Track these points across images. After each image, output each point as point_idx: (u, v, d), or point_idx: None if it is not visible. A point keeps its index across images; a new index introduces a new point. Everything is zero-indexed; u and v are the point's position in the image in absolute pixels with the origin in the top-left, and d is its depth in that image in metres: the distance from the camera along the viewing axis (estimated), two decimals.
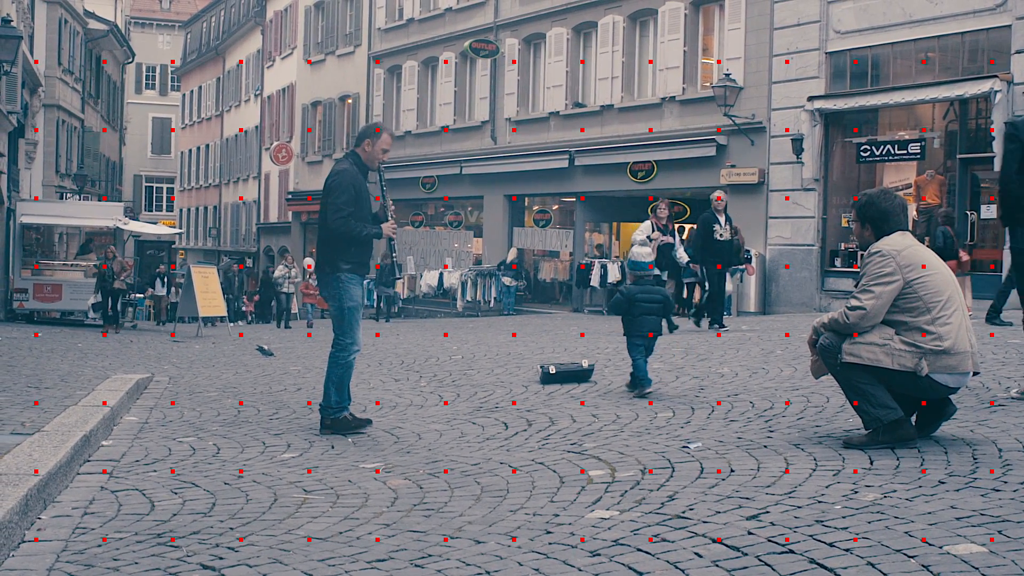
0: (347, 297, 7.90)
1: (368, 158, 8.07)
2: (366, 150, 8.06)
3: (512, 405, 8.78)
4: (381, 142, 8.08)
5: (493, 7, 33.65)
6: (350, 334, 7.93)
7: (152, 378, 11.71)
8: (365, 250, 8.09)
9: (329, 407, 7.92)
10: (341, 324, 7.94)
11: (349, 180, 7.89)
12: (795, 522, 4.56)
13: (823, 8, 23.57)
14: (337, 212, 7.79)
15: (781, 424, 7.09)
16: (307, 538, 4.84)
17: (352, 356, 7.97)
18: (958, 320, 6.01)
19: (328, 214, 7.84)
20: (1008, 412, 6.94)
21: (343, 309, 7.91)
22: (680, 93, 27.29)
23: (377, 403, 9.41)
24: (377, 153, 8.07)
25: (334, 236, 7.87)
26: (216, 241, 62.32)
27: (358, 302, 7.99)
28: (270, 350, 15.62)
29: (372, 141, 8.05)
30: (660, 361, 11.46)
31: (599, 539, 4.52)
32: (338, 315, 7.95)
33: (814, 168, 23.52)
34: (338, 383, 7.93)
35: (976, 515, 4.50)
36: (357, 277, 7.98)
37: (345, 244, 7.89)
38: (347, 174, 7.92)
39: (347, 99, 42.46)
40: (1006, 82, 19.89)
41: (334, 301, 7.95)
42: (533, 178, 31.57)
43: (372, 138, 8.06)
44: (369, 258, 8.20)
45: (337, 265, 7.89)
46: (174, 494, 5.87)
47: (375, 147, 8.06)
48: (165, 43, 75.58)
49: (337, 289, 7.90)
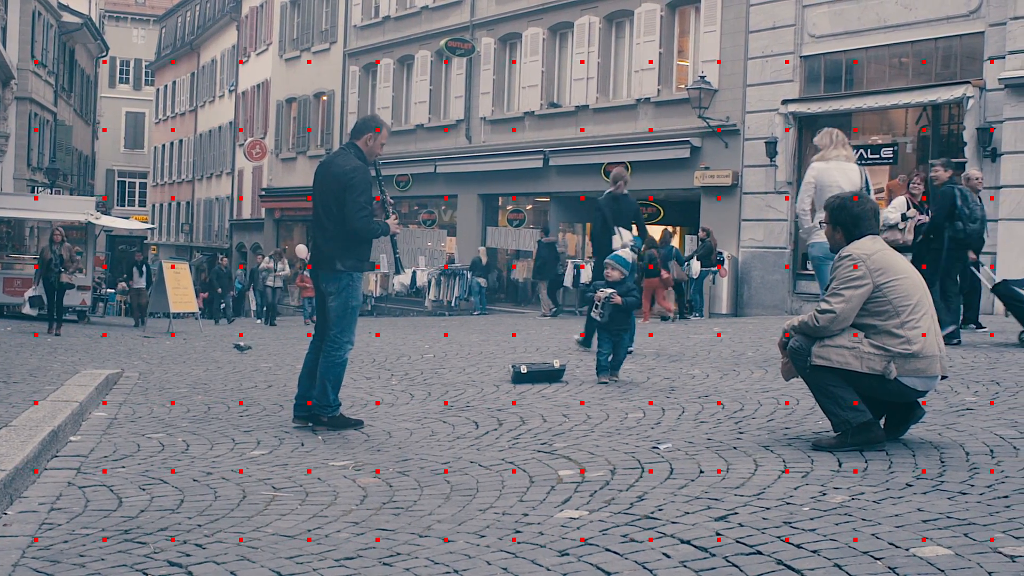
0: (352, 296, 7.87)
1: (368, 152, 8.00)
2: (368, 144, 7.99)
3: (480, 404, 8.78)
4: (381, 136, 8.04)
5: (469, 6, 33.65)
6: (348, 332, 7.90)
7: (122, 374, 11.64)
8: (370, 247, 8.06)
9: (327, 405, 7.88)
10: (342, 322, 7.88)
11: (366, 177, 7.82)
12: (763, 523, 4.57)
13: (798, 12, 23.68)
14: (361, 210, 7.69)
15: (751, 426, 7.11)
16: (275, 535, 4.82)
17: (346, 353, 7.93)
18: (927, 324, 6.04)
19: (349, 212, 7.70)
20: (976, 416, 6.98)
21: (348, 307, 7.87)
22: (655, 95, 27.35)
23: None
24: (376, 148, 8.02)
25: (349, 234, 7.78)
26: (189, 237, 62.08)
27: (360, 300, 7.97)
28: (246, 345, 15.55)
29: (373, 136, 7.99)
30: (631, 362, 11.47)
31: (568, 539, 4.52)
32: (341, 313, 7.88)
33: (787, 171, 23.63)
34: (335, 382, 7.89)
35: (943, 518, 4.53)
36: (361, 275, 7.98)
37: (356, 242, 7.84)
38: (364, 171, 7.84)
39: (322, 96, 42.37)
40: (978, 88, 20.02)
41: (338, 298, 7.87)
42: (507, 178, 31.59)
43: (373, 133, 8.00)
44: (370, 255, 8.16)
45: (345, 262, 7.83)
46: (142, 490, 5.84)
47: (376, 141, 8.00)
48: (140, 37, 75.27)
49: (345, 287, 7.85)
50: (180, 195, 64.44)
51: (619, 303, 9.42)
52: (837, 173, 9.76)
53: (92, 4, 55.85)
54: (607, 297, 9.44)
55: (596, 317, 9.56)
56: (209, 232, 58.37)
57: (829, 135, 10.13)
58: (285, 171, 45.20)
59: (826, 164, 9.88)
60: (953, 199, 12.08)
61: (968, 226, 11.98)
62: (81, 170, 54.60)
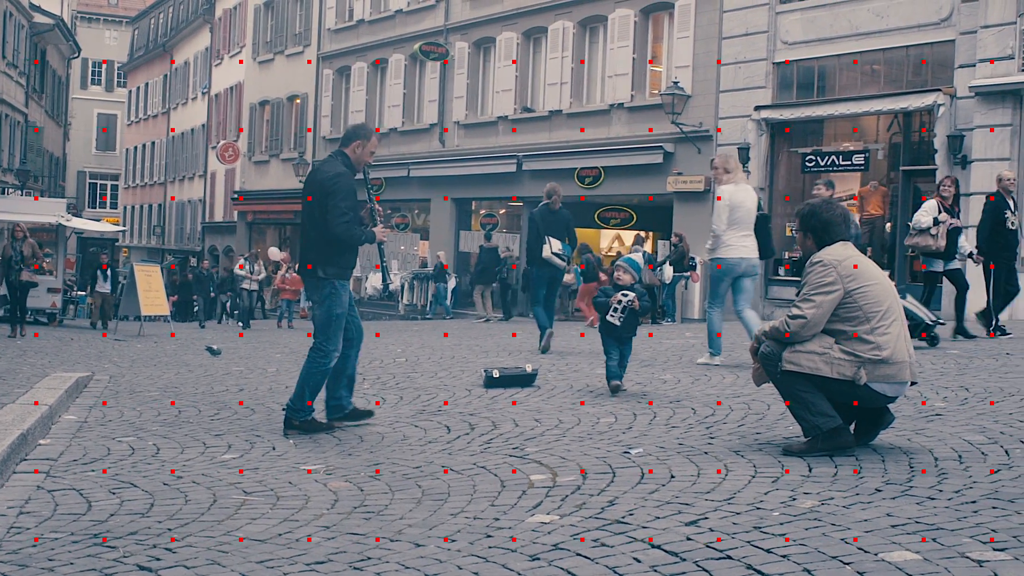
0: (336, 303, 7.82)
1: (356, 160, 7.98)
2: (356, 152, 7.96)
3: (444, 405, 8.77)
4: (370, 144, 8.02)
5: (444, 10, 33.65)
6: (334, 340, 7.86)
7: (92, 377, 11.58)
8: (354, 255, 8.03)
9: (302, 409, 7.86)
10: (327, 330, 7.84)
11: (350, 184, 7.81)
12: (733, 528, 4.59)
13: (771, 19, 23.79)
14: (342, 216, 7.67)
15: (722, 431, 7.13)
16: (245, 540, 4.81)
17: (331, 362, 7.89)
18: (897, 330, 6.08)
19: (330, 218, 7.68)
20: (945, 421, 7.03)
21: (331, 315, 7.82)
22: (629, 100, 27.42)
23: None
24: (365, 156, 7.99)
25: (330, 240, 7.75)
26: (160, 239, 61.81)
27: (345, 308, 7.92)
28: (218, 349, 15.50)
29: (363, 144, 7.97)
30: (603, 367, 11.49)
31: (539, 543, 4.53)
32: (325, 320, 7.84)
33: (760, 177, 23.72)
34: (314, 388, 7.86)
35: (911, 523, 4.55)
36: (345, 282, 7.94)
37: (339, 249, 7.81)
38: (347, 177, 7.84)
39: (295, 99, 42.29)
40: (949, 96, 20.16)
41: (322, 306, 7.87)
42: (480, 182, 31.61)
43: (363, 140, 7.98)
44: (354, 263, 8.14)
45: (328, 270, 7.80)
46: (112, 494, 5.81)
47: (365, 149, 7.97)
48: (112, 39, 74.90)
49: (328, 295, 7.82)
50: (152, 198, 64.14)
51: (636, 307, 9.11)
52: (743, 194, 10.99)
53: (64, 5, 55.57)
54: (628, 301, 9.09)
55: (615, 322, 9.10)
56: (181, 235, 58.12)
57: (733, 160, 11.34)
58: (258, 174, 45.07)
59: (735, 187, 11.00)
60: None
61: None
62: (52, 172, 54.33)
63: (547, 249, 13.54)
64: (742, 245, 10.97)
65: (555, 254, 13.54)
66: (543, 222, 13.70)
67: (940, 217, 13.18)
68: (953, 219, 13.30)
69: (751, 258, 11.08)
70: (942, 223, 13.15)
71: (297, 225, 42.25)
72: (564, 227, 13.84)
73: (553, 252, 13.54)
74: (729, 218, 10.89)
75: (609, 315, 9.15)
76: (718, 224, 11.00)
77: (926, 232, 13.22)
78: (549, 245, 13.55)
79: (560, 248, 13.59)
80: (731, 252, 10.92)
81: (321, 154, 39.79)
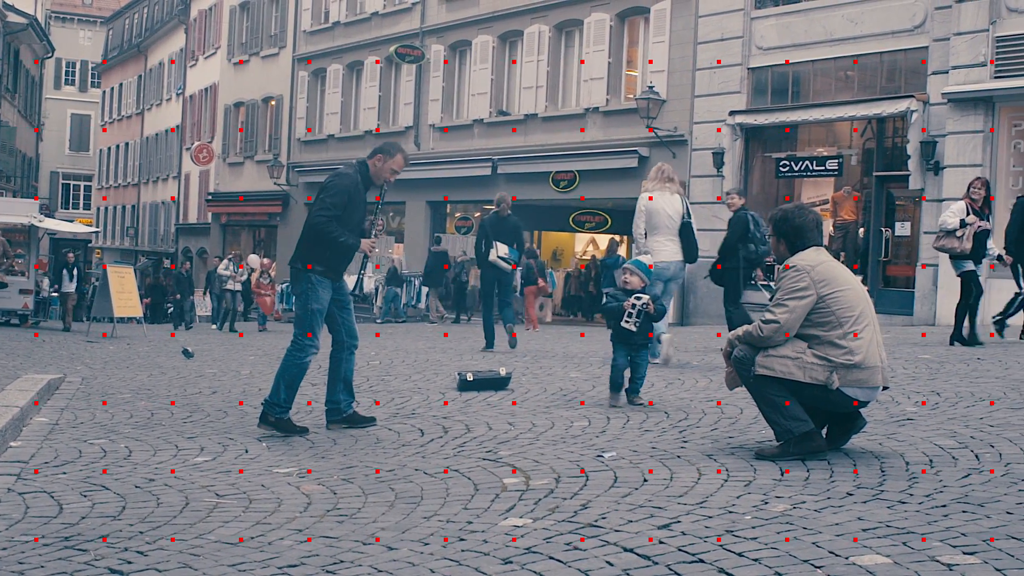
0: (314, 298, 7.86)
1: (375, 172, 8.06)
2: (376, 165, 8.05)
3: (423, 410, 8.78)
4: (393, 162, 8.08)
5: (420, 13, 33.63)
6: (310, 335, 7.89)
7: (64, 379, 11.53)
8: (341, 257, 8.03)
9: (277, 404, 7.87)
10: (303, 324, 7.91)
11: (346, 184, 7.88)
12: (706, 532, 4.61)
13: (746, 24, 23.87)
14: (324, 209, 7.77)
15: (695, 435, 7.15)
16: (217, 543, 4.79)
17: (308, 357, 7.94)
18: (869, 335, 6.12)
19: (313, 209, 7.83)
20: (916, 426, 7.07)
21: (308, 310, 7.87)
22: (604, 104, 27.46)
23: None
24: (385, 171, 8.06)
25: (313, 234, 7.84)
26: (134, 241, 61.54)
27: (324, 305, 7.93)
28: (192, 352, 15.45)
29: (384, 158, 8.05)
30: (577, 370, 11.52)
31: (511, 547, 4.53)
32: (302, 314, 7.93)
33: (734, 182, 23.78)
34: (289, 382, 7.90)
35: (882, 526, 4.58)
36: (327, 280, 7.94)
37: (322, 246, 7.86)
38: (346, 178, 7.92)
39: (270, 101, 42.17)
40: (922, 102, 20.27)
41: (300, 300, 7.93)
42: (456, 185, 31.59)
43: (385, 155, 8.06)
44: (343, 266, 8.13)
45: (308, 264, 7.85)
46: (83, 497, 5.79)
47: (385, 164, 8.05)
48: (86, 39, 74.54)
49: (305, 288, 7.86)
50: (126, 199, 63.83)
51: (652, 311, 8.57)
52: (662, 202, 11.67)
53: (38, 4, 55.30)
54: (643, 304, 8.53)
55: (631, 328, 8.56)
56: (155, 236, 57.88)
57: (657, 171, 11.99)
58: (232, 176, 44.92)
59: (657, 195, 11.71)
60: (747, 223, 13.07)
61: (759, 248, 12.92)
62: (25, 172, 54.00)
63: (494, 253, 14.41)
64: (664, 249, 11.66)
65: (501, 257, 14.42)
66: (492, 228, 14.62)
67: (968, 219, 12.87)
68: (981, 221, 12.98)
69: (676, 261, 11.77)
70: (969, 225, 12.84)
71: (271, 227, 42.20)
72: (513, 233, 14.69)
73: (500, 256, 14.41)
74: (649, 224, 11.68)
75: (624, 320, 8.60)
76: (634, 229, 11.91)
77: (952, 234, 12.91)
78: (496, 249, 14.41)
79: (507, 252, 14.44)
80: (655, 256, 11.49)
81: (296, 156, 39.72)
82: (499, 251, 14.44)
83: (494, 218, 14.81)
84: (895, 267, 21.78)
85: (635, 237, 12.01)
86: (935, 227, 19.75)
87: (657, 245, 11.66)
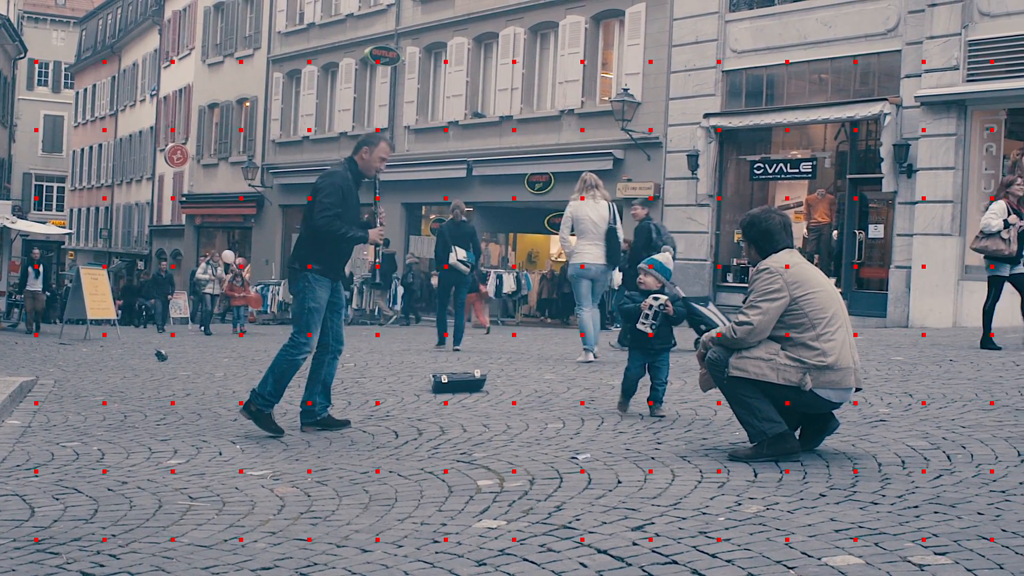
0: (311, 297, 7.90)
1: (364, 166, 8.12)
2: (363, 158, 8.11)
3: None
4: (378, 151, 8.13)
5: (395, 15, 33.59)
6: (308, 334, 7.92)
7: (36, 381, 11.46)
8: (339, 254, 8.10)
9: (262, 396, 7.91)
10: (299, 322, 7.96)
11: (337, 182, 7.95)
12: (679, 533, 4.62)
13: (720, 27, 23.95)
14: (324, 211, 7.82)
15: (669, 436, 7.17)
16: (190, 545, 4.78)
17: (302, 356, 7.96)
18: (842, 337, 6.15)
19: (314, 213, 7.86)
20: (889, 427, 7.10)
21: (304, 308, 7.92)
22: (579, 106, 27.49)
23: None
24: (374, 161, 8.11)
25: (313, 235, 7.90)
26: (107, 242, 61.24)
27: (320, 304, 7.95)
28: (165, 354, 15.37)
29: (370, 150, 8.10)
30: (552, 372, 11.53)
31: (485, 548, 4.53)
32: (298, 313, 7.99)
33: (709, 184, 23.87)
34: (279, 377, 7.92)
35: (855, 527, 4.60)
36: (325, 279, 7.97)
37: (319, 245, 7.91)
38: (336, 176, 8.00)
39: (245, 102, 42.03)
40: (895, 105, 20.38)
41: (297, 299, 8.00)
42: (431, 187, 31.56)
43: (370, 147, 8.12)
44: (341, 263, 8.20)
45: (307, 264, 7.91)
46: (55, 500, 5.76)
47: (372, 155, 8.10)
48: (60, 39, 74.16)
49: (303, 288, 7.92)
50: (99, 200, 63.51)
51: (671, 312, 7.93)
52: (588, 208, 12.59)
53: (10, 4, 54.89)
54: (661, 305, 7.92)
55: (646, 329, 7.99)
56: (128, 238, 57.61)
57: (582, 180, 12.94)
58: (207, 177, 44.76)
59: (580, 202, 12.67)
60: (650, 232, 14.36)
61: None
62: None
63: (453, 256, 15.40)
64: (587, 252, 12.52)
65: (460, 261, 15.43)
66: (450, 234, 15.60)
67: (1010, 219, 12.38)
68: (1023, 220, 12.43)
69: (599, 264, 12.56)
70: (1013, 226, 12.34)
71: (246, 229, 42.06)
72: (469, 238, 15.77)
73: (458, 260, 15.43)
74: (576, 229, 12.64)
75: (640, 323, 8.02)
76: (561, 233, 13.06)
77: (996, 236, 12.38)
78: (455, 253, 15.40)
79: (464, 256, 15.47)
80: (579, 258, 12.53)
81: (270, 158, 39.60)
82: (457, 255, 15.37)
83: (451, 224, 15.72)
84: (868, 269, 21.90)
85: (560, 240, 13.14)
86: (908, 229, 19.99)
87: (581, 248, 12.54)
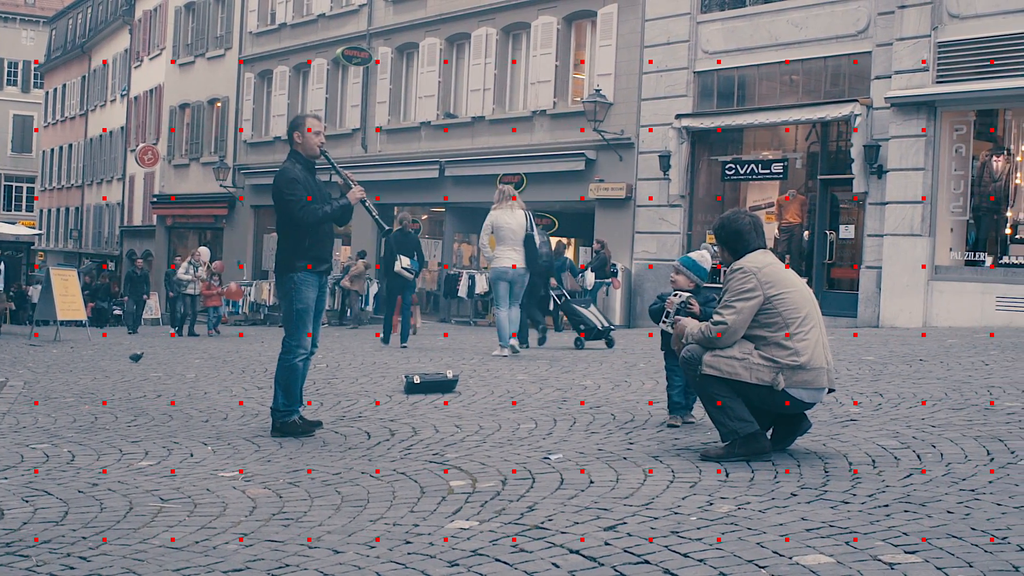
0: (298, 298, 7.86)
1: (304, 148, 8.06)
2: (299, 141, 8.06)
3: (375, 406, 8.75)
4: (308, 126, 8.08)
5: (366, 15, 33.53)
6: (296, 336, 7.89)
7: (6, 383, 11.39)
8: (322, 243, 8.05)
9: (277, 410, 7.89)
10: (289, 325, 7.94)
11: (291, 175, 7.89)
12: (651, 533, 4.63)
13: (692, 28, 24.00)
14: (296, 204, 7.79)
15: (641, 436, 7.19)
16: (162, 547, 4.76)
17: (297, 359, 7.91)
18: (815, 337, 6.17)
19: (292, 210, 7.81)
20: (859, 427, 7.14)
21: (293, 310, 7.88)
22: (551, 107, 27.51)
23: (241, 403, 9.31)
24: (311, 139, 8.05)
25: (294, 231, 7.86)
26: (77, 243, 60.89)
27: (308, 304, 7.91)
28: (140, 354, 15.28)
29: (300, 132, 8.06)
30: (524, 372, 11.54)
31: (458, 549, 4.53)
32: (287, 316, 7.97)
33: (680, 185, 23.91)
34: (284, 386, 7.89)
35: (825, 526, 4.62)
36: (313, 277, 7.92)
37: (300, 238, 7.87)
38: (287, 171, 7.94)
39: (216, 102, 41.87)
40: (865, 106, 20.47)
41: (285, 301, 7.97)
42: (403, 187, 31.51)
43: (299, 129, 8.08)
44: (327, 252, 8.15)
45: (292, 264, 7.87)
46: (25, 502, 5.72)
47: (306, 136, 8.05)
48: (28, 39, 73.67)
49: (289, 289, 7.88)
50: (69, 200, 63.14)
51: (696, 311, 7.00)
52: (506, 216, 13.69)
53: None
54: (683, 302, 7.13)
55: (667, 328, 7.38)
56: (99, 239, 57.29)
57: (499, 192, 14.05)
58: (178, 178, 44.56)
59: (499, 212, 13.72)
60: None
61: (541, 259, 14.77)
62: None
63: (398, 264, 16.51)
64: (507, 257, 13.64)
65: (404, 268, 16.53)
66: (396, 243, 16.65)
67: None
68: None
69: (517, 268, 13.66)
70: None
71: (217, 229, 41.90)
72: (414, 247, 17.16)
73: (403, 267, 16.53)
74: (496, 236, 13.73)
75: (662, 322, 7.50)
76: (481, 240, 14.23)
77: None
78: (399, 261, 16.50)
79: (409, 264, 16.60)
80: (499, 263, 13.68)
81: (242, 159, 39.47)
82: (402, 263, 16.48)
83: (398, 234, 16.63)
84: (839, 269, 22.00)
85: (480, 246, 14.55)
86: (879, 230, 20.08)
87: (501, 253, 13.68)
